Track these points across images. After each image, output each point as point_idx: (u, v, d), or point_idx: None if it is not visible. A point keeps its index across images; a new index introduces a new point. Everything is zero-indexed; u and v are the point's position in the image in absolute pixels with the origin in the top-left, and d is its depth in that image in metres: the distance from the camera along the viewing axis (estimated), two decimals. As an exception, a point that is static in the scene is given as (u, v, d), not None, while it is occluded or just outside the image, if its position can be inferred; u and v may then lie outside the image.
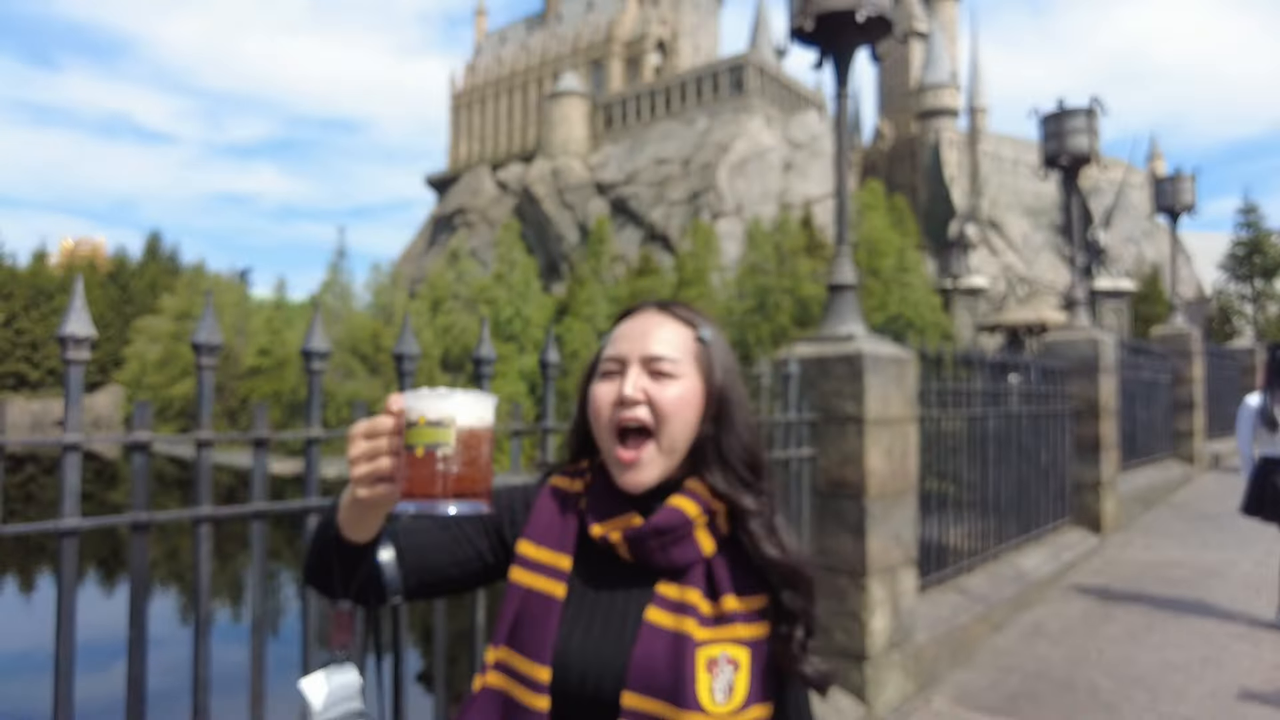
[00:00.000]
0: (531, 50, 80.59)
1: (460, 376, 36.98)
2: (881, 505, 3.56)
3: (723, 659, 1.00)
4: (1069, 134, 7.04)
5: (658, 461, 1.04)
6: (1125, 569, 6.37)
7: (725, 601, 1.02)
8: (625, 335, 1.09)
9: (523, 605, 1.04)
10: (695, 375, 1.07)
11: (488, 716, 1.02)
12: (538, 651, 1.00)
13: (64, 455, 1.65)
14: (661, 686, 0.97)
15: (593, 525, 1.06)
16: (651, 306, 1.13)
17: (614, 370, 1.07)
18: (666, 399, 1.03)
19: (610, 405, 1.05)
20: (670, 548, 1.03)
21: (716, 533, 1.06)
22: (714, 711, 0.96)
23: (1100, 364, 6.97)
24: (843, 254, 3.86)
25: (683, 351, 1.07)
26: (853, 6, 3.52)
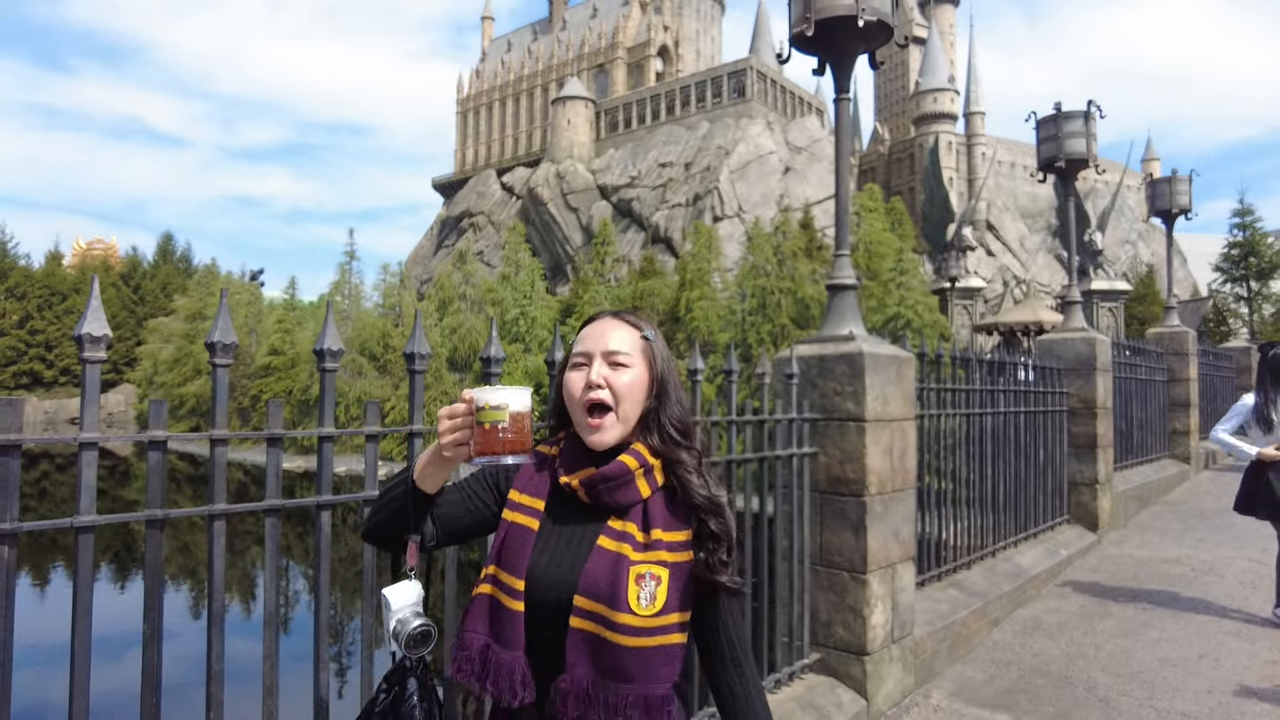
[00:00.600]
0: (537, 56, 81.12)
1: (467, 375, 37.02)
2: (881, 502, 3.60)
3: (648, 575, 1.33)
4: (1066, 137, 7.08)
5: (616, 427, 1.40)
6: (1121, 566, 6.42)
7: (654, 533, 1.36)
8: (589, 336, 1.45)
9: (508, 535, 1.40)
10: (642, 365, 1.43)
11: (482, 615, 1.39)
12: (516, 568, 1.37)
13: (80, 453, 1.68)
14: (602, 592, 1.31)
15: (561, 476, 1.42)
16: (608, 314, 1.50)
17: (582, 363, 1.43)
18: (622, 383, 1.40)
19: (581, 388, 1.40)
20: (615, 492, 1.38)
21: (652, 482, 1.41)
22: (639, 613, 1.30)
23: (1096, 363, 7.02)
24: (843, 256, 3.90)
25: (632, 347, 1.43)
26: (853, 12, 3.56)
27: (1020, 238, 76.46)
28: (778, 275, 34.58)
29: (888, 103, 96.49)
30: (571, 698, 1.30)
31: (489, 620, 1.38)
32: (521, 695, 1.33)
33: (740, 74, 65.74)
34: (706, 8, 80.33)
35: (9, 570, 1.58)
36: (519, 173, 76.14)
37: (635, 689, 1.29)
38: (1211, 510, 8.67)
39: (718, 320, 35.57)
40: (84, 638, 1.66)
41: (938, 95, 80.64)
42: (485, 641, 1.37)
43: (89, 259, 71.20)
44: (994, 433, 5.56)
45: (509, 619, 1.35)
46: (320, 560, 2.02)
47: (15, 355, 59.47)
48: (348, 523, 18.96)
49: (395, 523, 1.46)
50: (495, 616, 1.37)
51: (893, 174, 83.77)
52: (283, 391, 41.17)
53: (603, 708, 1.29)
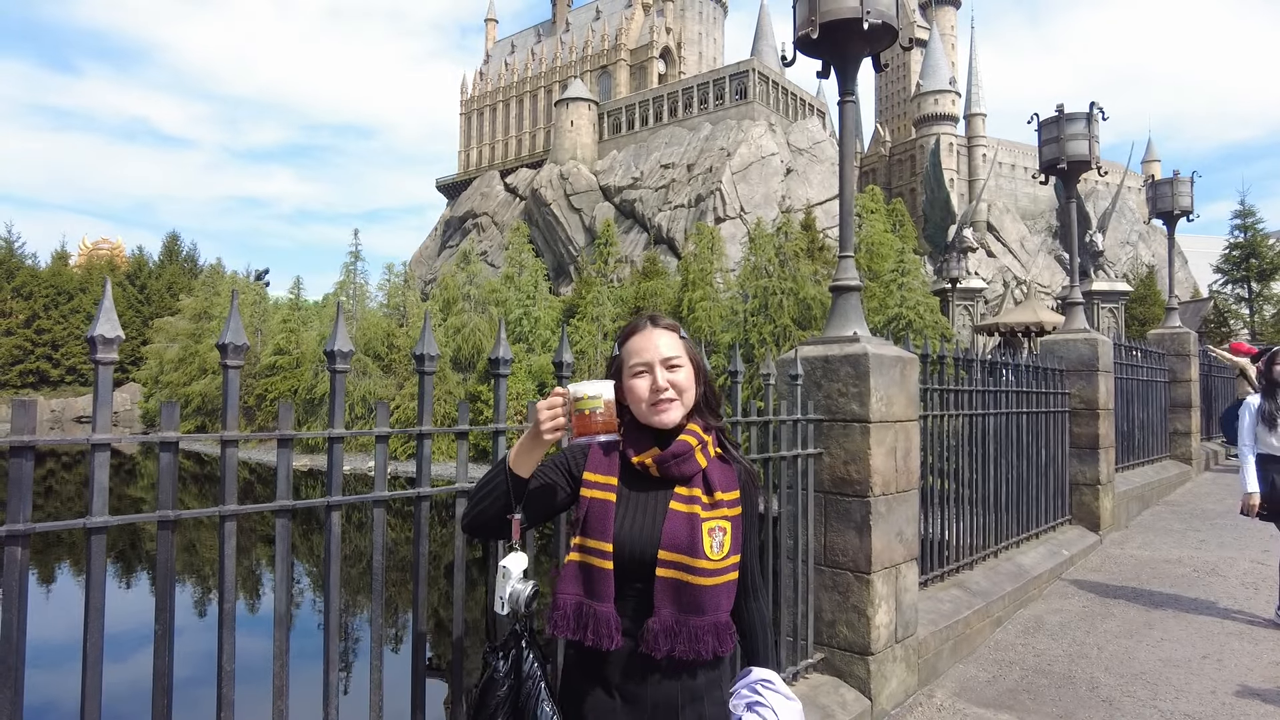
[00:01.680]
0: (540, 58, 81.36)
1: (471, 375, 37.05)
2: (885, 503, 3.61)
3: (717, 528, 1.64)
4: (1068, 139, 7.09)
5: (680, 410, 1.70)
6: (1124, 566, 6.42)
7: (716, 494, 1.67)
8: (644, 348, 1.72)
9: (589, 509, 1.67)
10: (688, 361, 1.73)
11: (574, 578, 1.65)
12: (603, 534, 1.64)
13: (93, 454, 1.69)
14: (682, 545, 1.61)
15: (632, 455, 1.70)
16: (648, 324, 1.77)
17: (643, 371, 1.70)
18: (681, 380, 1.70)
19: (648, 392, 1.69)
20: (681, 465, 1.67)
21: (707, 454, 1.71)
22: (712, 558, 1.61)
23: (1098, 364, 7.03)
24: (847, 258, 3.91)
25: (679, 349, 1.73)
26: (858, 15, 3.57)
27: (1021, 239, 76.48)
28: (779, 276, 34.60)
29: (888, 104, 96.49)
30: (661, 633, 1.59)
31: (581, 581, 1.64)
32: (616, 639, 1.60)
33: (742, 76, 65.85)
34: (709, 10, 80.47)
35: (22, 570, 1.59)
36: (522, 174, 76.34)
37: (708, 619, 1.60)
38: (1213, 511, 8.67)
39: (720, 320, 35.59)
40: (96, 638, 1.67)
41: (939, 97, 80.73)
42: (578, 600, 1.63)
43: (95, 259, 71.44)
44: (996, 433, 5.57)
45: (600, 577, 1.62)
46: (330, 560, 2.03)
47: (22, 354, 59.77)
48: (352, 520, 18.92)
49: (498, 507, 1.71)
50: (587, 577, 1.64)
51: (893, 175, 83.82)
52: (288, 390, 41.27)
53: (685, 637, 1.59)
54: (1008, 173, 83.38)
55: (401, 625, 12.91)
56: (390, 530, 17.22)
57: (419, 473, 2.25)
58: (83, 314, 62.39)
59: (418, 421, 2.23)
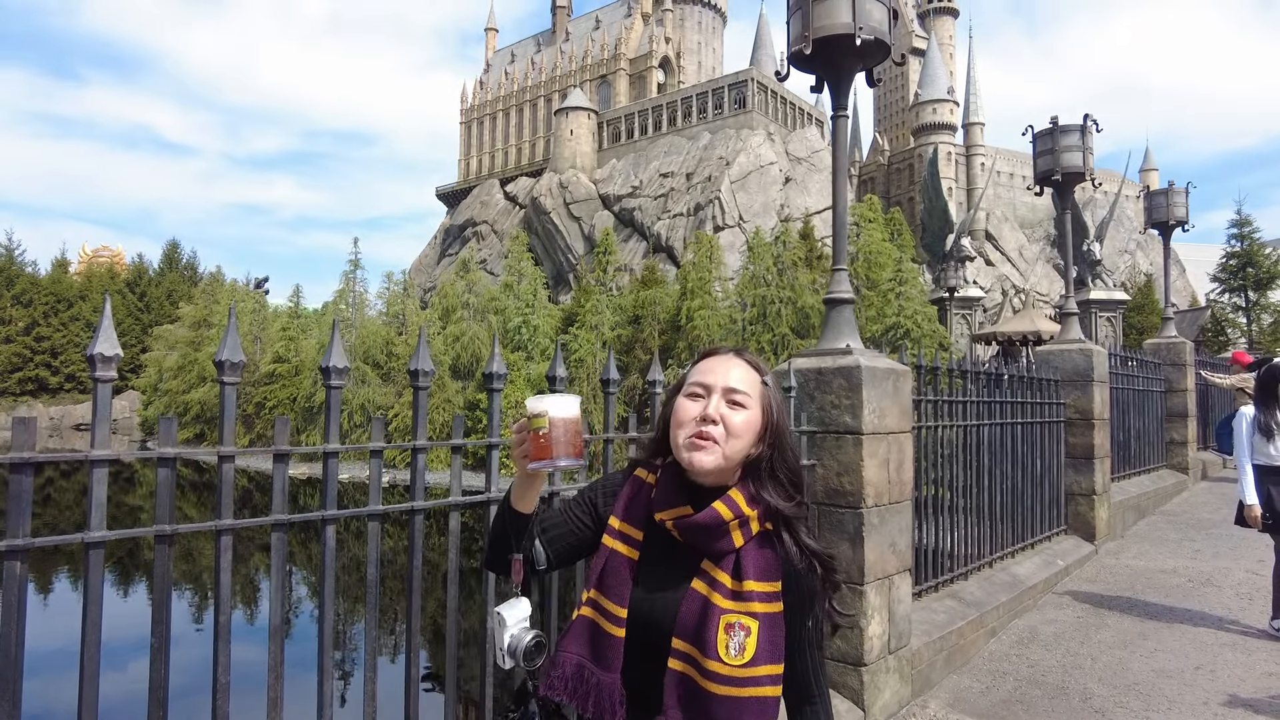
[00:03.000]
0: (540, 67, 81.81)
1: (469, 384, 37.08)
2: (878, 514, 3.63)
3: (738, 625, 1.33)
4: (1062, 151, 7.13)
5: (717, 457, 1.38)
6: (1119, 576, 6.44)
7: (747, 584, 1.36)
8: (711, 369, 1.44)
9: (609, 561, 1.43)
10: (758, 408, 1.42)
11: (579, 637, 1.43)
12: (619, 596, 1.40)
13: (92, 470, 1.71)
14: (692, 637, 1.34)
15: (657, 511, 1.43)
16: (729, 350, 1.50)
17: (699, 394, 1.42)
18: (737, 422, 1.39)
19: (693, 417, 1.40)
20: (708, 539, 1.38)
21: (747, 533, 1.39)
22: (728, 661, 1.32)
23: (1093, 375, 7.06)
24: (841, 271, 3.94)
25: (752, 389, 1.42)
26: (851, 31, 3.61)
27: (1019, 247, 76.66)
28: (778, 284, 34.70)
29: (887, 113, 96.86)
30: None
31: (588, 642, 1.42)
32: (619, 716, 1.37)
33: (741, 85, 66.16)
34: (708, 20, 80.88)
35: (21, 585, 1.62)
36: (522, 182, 76.63)
37: None
38: (1209, 521, 8.69)
39: (718, 329, 35.64)
40: (93, 652, 1.70)
41: (937, 106, 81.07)
42: (579, 661, 1.41)
43: (95, 266, 71.60)
44: (991, 444, 5.59)
45: (609, 643, 1.39)
46: (325, 573, 2.06)
47: (21, 361, 59.87)
48: (350, 528, 18.93)
49: (502, 545, 1.52)
50: (595, 639, 1.41)
51: (892, 184, 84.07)
52: (286, 398, 41.31)
53: None
54: (1006, 181, 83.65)
55: (399, 634, 12.90)
56: (387, 538, 17.23)
57: (413, 485, 2.27)
58: (82, 321, 62.48)
59: (413, 435, 2.25)
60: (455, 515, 2.33)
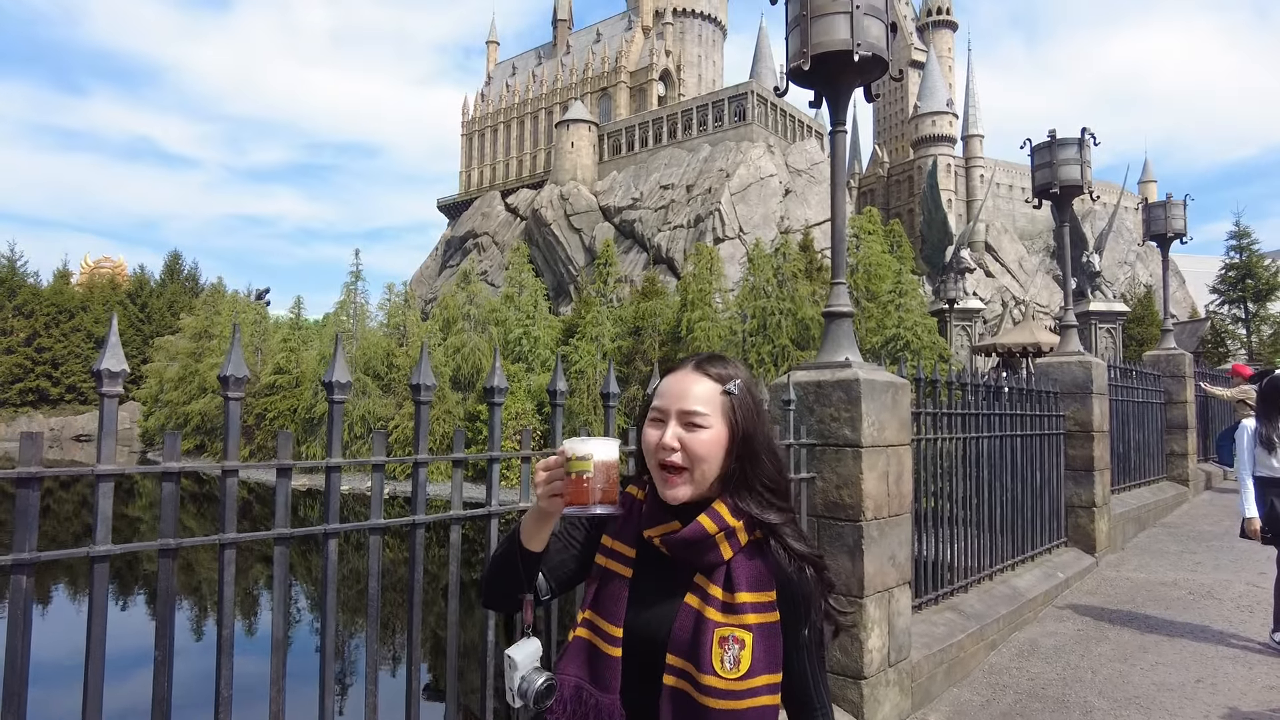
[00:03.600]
0: (541, 80, 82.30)
1: (469, 395, 37.08)
2: (877, 527, 3.65)
3: (731, 638, 1.32)
4: (1060, 164, 7.18)
5: (688, 488, 1.37)
6: (1119, 589, 6.43)
7: (739, 595, 1.34)
8: (667, 391, 1.41)
9: (602, 581, 1.43)
10: (721, 423, 1.37)
11: (578, 658, 1.42)
12: (614, 615, 1.39)
13: (98, 484, 1.73)
14: (687, 652, 1.33)
15: (645, 528, 1.42)
16: (689, 364, 1.44)
17: (659, 419, 1.41)
18: (697, 445, 1.36)
19: (654, 447, 1.39)
20: (696, 553, 1.36)
21: (735, 544, 1.37)
22: (723, 675, 1.30)
23: (1092, 387, 7.08)
24: (840, 284, 3.97)
25: (710, 405, 1.38)
26: (849, 47, 3.65)
27: (1019, 259, 76.80)
28: (778, 296, 34.77)
29: (886, 125, 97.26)
30: None
31: (585, 663, 1.40)
32: None
33: (741, 98, 66.49)
34: (708, 33, 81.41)
35: (27, 598, 1.63)
36: (523, 194, 76.95)
37: None
38: (1209, 533, 8.69)
39: (719, 341, 35.68)
40: (97, 665, 1.71)
41: (936, 118, 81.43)
42: (577, 683, 1.39)
43: (97, 277, 71.77)
44: (991, 456, 5.60)
45: (606, 664, 1.37)
46: (327, 586, 2.07)
47: (22, 372, 59.95)
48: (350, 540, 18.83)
49: (509, 585, 1.47)
50: (592, 660, 1.39)
51: (891, 196, 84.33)
52: (287, 410, 41.29)
53: None
54: (1005, 193, 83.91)
55: (399, 646, 12.87)
56: (387, 550, 17.19)
57: (414, 499, 2.28)
58: (83, 332, 62.58)
59: (414, 449, 2.27)
60: (456, 529, 2.34)
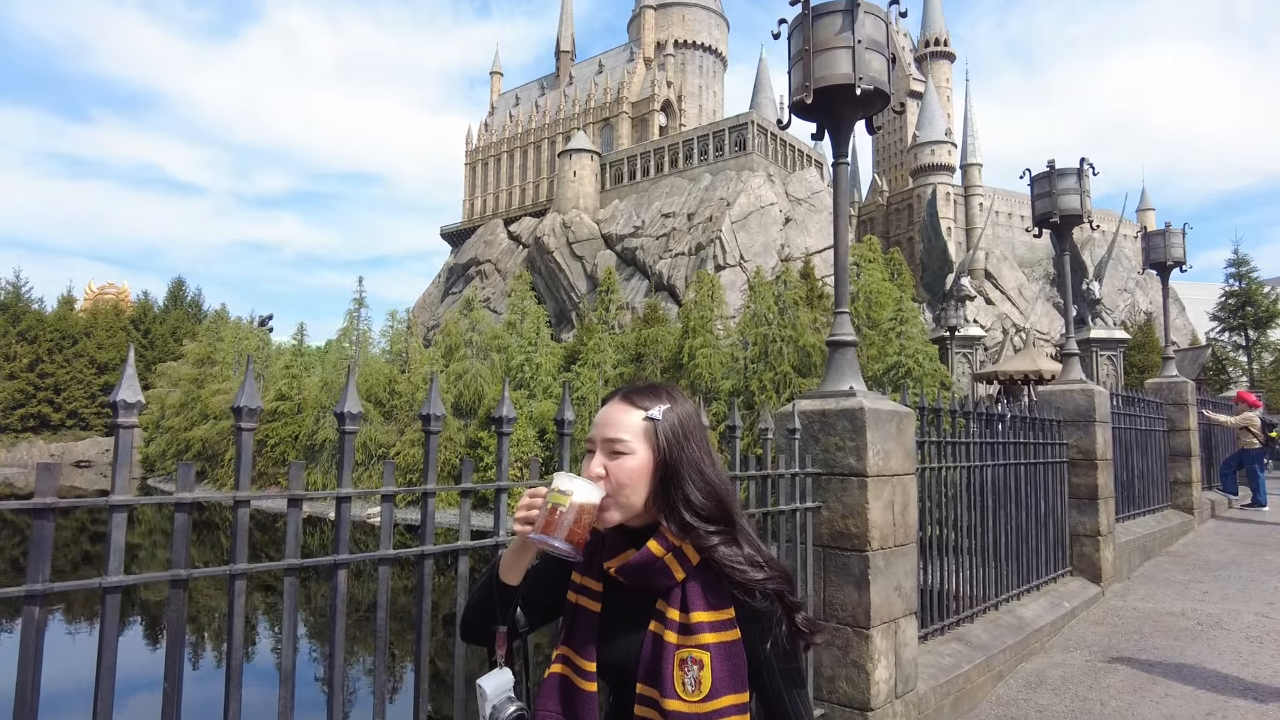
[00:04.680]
0: (544, 110, 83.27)
1: (471, 421, 37.02)
2: (883, 557, 3.64)
3: (689, 659, 1.32)
4: (1059, 194, 7.24)
5: (616, 512, 1.40)
6: (1126, 619, 6.38)
7: (694, 615, 1.35)
8: (597, 422, 1.46)
9: (574, 616, 1.45)
10: (645, 449, 1.40)
11: (554, 694, 1.43)
12: (586, 650, 1.41)
13: (111, 515, 1.73)
14: (651, 679, 1.34)
15: (605, 560, 1.44)
16: (619, 395, 1.48)
17: (590, 450, 1.45)
18: (618, 472, 1.40)
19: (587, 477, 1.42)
20: (649, 578, 1.38)
21: (686, 564, 1.38)
22: (685, 698, 1.30)
23: (1095, 415, 7.08)
24: (843, 313, 4.00)
25: (632, 432, 1.41)
26: (851, 81, 3.71)
27: (1019, 286, 77.01)
28: (779, 324, 34.82)
29: (886, 154, 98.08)
30: None
31: (562, 699, 1.41)
32: None
33: (741, 128, 67.14)
34: (709, 65, 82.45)
35: (40, 629, 1.63)
36: (525, 222, 77.51)
37: None
38: (1216, 562, 8.63)
39: (720, 368, 35.70)
40: (106, 697, 1.70)
41: (935, 147, 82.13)
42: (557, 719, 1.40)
43: (101, 303, 72.11)
44: (995, 484, 5.59)
45: (583, 700, 1.39)
46: (335, 618, 2.07)
47: (24, 398, 59.95)
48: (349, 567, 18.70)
49: (485, 617, 1.51)
50: (567, 695, 1.41)
51: (891, 224, 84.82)
52: (289, 436, 41.23)
53: None
54: (1005, 221, 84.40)
55: (398, 676, 12.76)
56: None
57: (423, 530, 2.29)
58: (86, 358, 62.67)
59: (423, 479, 2.28)
60: (464, 559, 2.34)
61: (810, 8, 3.87)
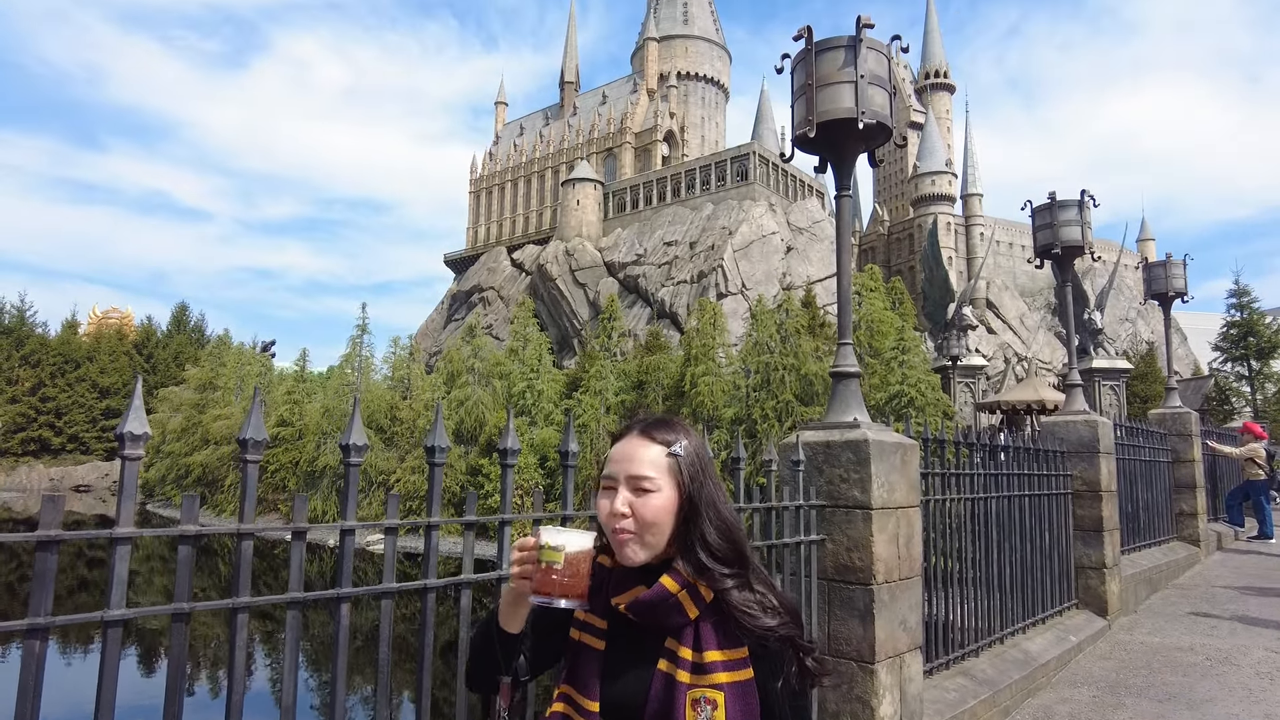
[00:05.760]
0: (548, 139, 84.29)
1: (472, 448, 36.94)
2: (888, 591, 3.61)
3: (703, 699, 1.29)
4: (1061, 225, 7.28)
5: (642, 551, 1.38)
6: (1133, 654, 6.31)
7: (708, 654, 1.32)
8: (616, 457, 1.42)
9: (577, 654, 1.42)
10: (670, 486, 1.38)
11: None
12: (589, 689, 1.37)
13: (114, 548, 1.72)
14: (664, 719, 1.29)
15: (612, 596, 1.41)
16: (636, 430, 1.44)
17: (610, 486, 1.41)
18: (645, 510, 1.36)
19: (607, 515, 1.39)
20: (661, 616, 1.35)
21: (700, 601, 1.35)
22: None
23: (1099, 446, 7.05)
24: (846, 345, 4.01)
25: (658, 468, 1.39)
26: (854, 115, 3.75)
27: (1020, 315, 77.15)
28: (781, 352, 34.83)
29: (887, 184, 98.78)
30: None
31: None
32: None
33: (743, 158, 67.75)
34: (711, 96, 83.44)
35: (40, 663, 1.62)
36: (529, 250, 78.05)
37: None
38: (1224, 595, 8.55)
39: (722, 395, 35.67)
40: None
41: (935, 178, 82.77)
42: None
43: (104, 327, 72.43)
44: (999, 516, 5.56)
45: None
46: (338, 653, 2.05)
47: (25, 422, 59.90)
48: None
49: (488, 666, 1.48)
50: None
51: (892, 253, 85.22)
52: (289, 462, 41.13)
53: None
54: (1005, 251, 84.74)
55: (395, 707, 12.61)
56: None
57: (425, 563, 2.28)
58: (88, 382, 62.76)
59: (426, 511, 2.27)
60: (467, 593, 2.33)
61: (813, 43, 3.93)
